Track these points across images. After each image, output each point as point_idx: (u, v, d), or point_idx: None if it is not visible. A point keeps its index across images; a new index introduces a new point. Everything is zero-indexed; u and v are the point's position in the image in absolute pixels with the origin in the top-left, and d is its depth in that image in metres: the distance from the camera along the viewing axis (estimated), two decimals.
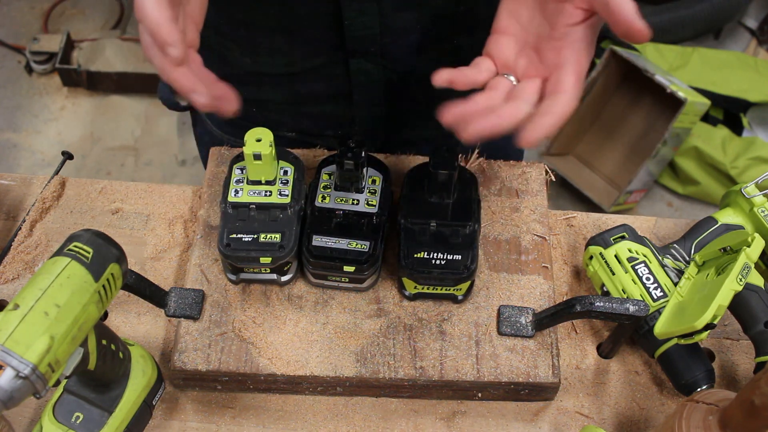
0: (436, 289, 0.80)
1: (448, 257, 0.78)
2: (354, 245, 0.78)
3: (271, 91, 0.96)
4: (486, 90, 0.69)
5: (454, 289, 0.80)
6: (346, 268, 0.78)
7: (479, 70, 0.69)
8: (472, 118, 0.64)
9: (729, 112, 2.28)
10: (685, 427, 0.66)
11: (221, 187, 0.89)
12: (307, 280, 0.82)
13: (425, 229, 0.80)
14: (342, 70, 0.89)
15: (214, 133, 1.07)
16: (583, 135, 2.37)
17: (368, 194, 0.81)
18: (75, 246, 0.62)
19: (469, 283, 0.80)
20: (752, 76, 2.29)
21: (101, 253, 0.62)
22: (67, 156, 0.98)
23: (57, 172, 0.96)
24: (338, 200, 0.81)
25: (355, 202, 0.81)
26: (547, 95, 0.65)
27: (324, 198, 0.81)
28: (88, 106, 2.56)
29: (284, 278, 0.81)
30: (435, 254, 0.78)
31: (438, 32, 0.86)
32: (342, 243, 0.78)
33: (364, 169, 0.81)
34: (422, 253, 0.78)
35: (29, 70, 2.63)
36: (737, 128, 2.27)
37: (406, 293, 0.81)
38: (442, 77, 0.68)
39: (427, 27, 0.85)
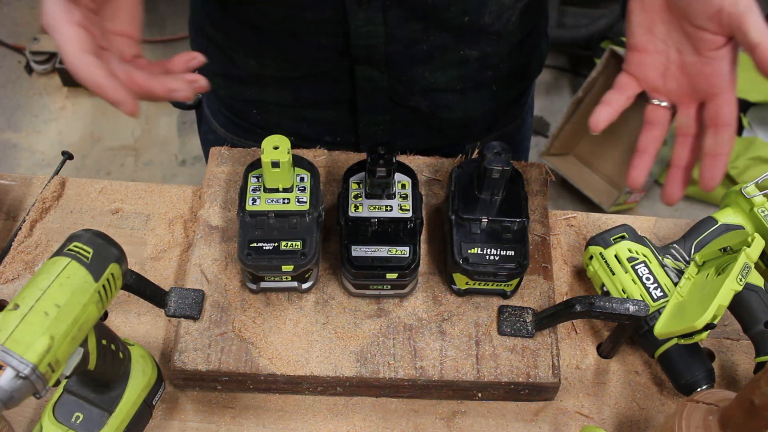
0: (487, 285, 0.80)
1: (502, 253, 0.78)
2: (394, 252, 0.78)
3: (274, 94, 0.96)
4: (648, 126, 0.70)
5: (505, 285, 0.80)
6: (389, 276, 0.78)
7: (626, 94, 0.70)
8: (668, 181, 0.68)
9: None
10: (685, 427, 0.66)
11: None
12: (347, 292, 0.82)
13: (476, 225, 0.80)
14: (346, 76, 0.89)
15: (218, 132, 1.07)
16: (583, 135, 2.37)
17: (400, 199, 0.81)
18: (75, 246, 0.62)
19: (518, 278, 0.80)
20: (752, 76, 2.27)
21: (101, 253, 0.62)
22: (67, 156, 0.98)
23: (57, 172, 0.96)
24: (371, 208, 0.80)
25: (389, 208, 0.80)
26: (710, 129, 0.66)
27: (357, 207, 0.80)
28: (88, 106, 2.56)
29: (305, 285, 0.81)
30: (488, 250, 0.78)
31: (444, 43, 0.86)
32: (382, 251, 0.78)
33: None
34: (476, 248, 0.78)
35: (29, 70, 2.63)
36: (737, 128, 2.27)
37: (456, 288, 0.81)
38: (602, 122, 0.69)
39: (433, 38, 0.85)
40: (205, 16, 0.95)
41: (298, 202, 0.79)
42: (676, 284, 0.80)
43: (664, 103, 0.70)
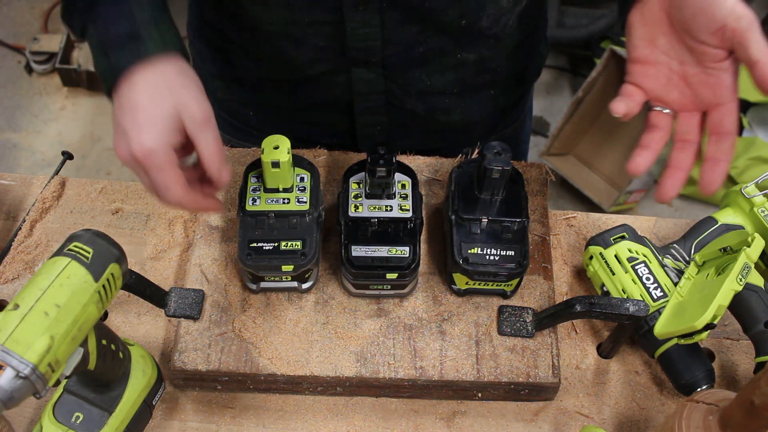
0: (487, 285, 0.80)
1: (502, 253, 0.78)
2: (394, 252, 0.78)
3: (271, 96, 0.96)
4: (651, 129, 0.71)
5: (505, 285, 0.80)
6: (389, 276, 0.78)
7: (635, 101, 0.71)
8: (664, 180, 0.69)
9: None
10: (685, 427, 0.66)
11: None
12: (347, 292, 0.82)
13: (476, 225, 0.80)
14: (344, 79, 0.89)
15: None
16: (583, 135, 2.37)
17: (400, 199, 0.80)
18: (75, 246, 0.62)
19: (518, 278, 0.80)
20: None
21: (101, 253, 0.62)
22: (67, 156, 0.98)
23: (57, 172, 0.96)
24: (371, 208, 0.80)
25: (389, 208, 0.80)
26: (713, 136, 0.68)
27: (357, 207, 0.80)
28: (88, 106, 2.56)
29: (305, 285, 0.81)
30: (488, 250, 0.78)
31: (441, 46, 0.86)
32: (382, 251, 0.78)
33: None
34: (476, 248, 0.78)
35: (29, 70, 2.63)
36: (737, 129, 2.27)
37: (456, 288, 0.81)
38: (621, 107, 0.70)
39: (430, 41, 0.85)
40: (202, 19, 0.95)
41: (298, 202, 0.79)
42: (676, 284, 0.80)
43: (666, 111, 0.71)
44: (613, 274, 0.82)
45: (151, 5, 0.67)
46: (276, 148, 0.76)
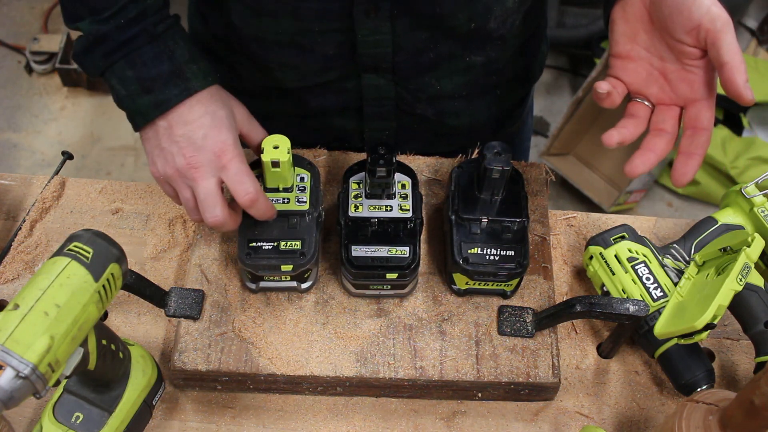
0: (487, 285, 0.80)
1: (502, 253, 0.78)
2: (394, 252, 0.78)
3: (280, 105, 0.96)
4: (628, 116, 0.73)
5: (505, 285, 0.80)
6: (389, 276, 0.78)
7: (617, 91, 0.72)
8: (633, 157, 0.71)
9: (729, 112, 2.29)
10: (685, 427, 0.66)
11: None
12: (347, 292, 0.82)
13: (476, 225, 0.80)
14: (353, 85, 0.89)
15: None
16: (583, 135, 2.37)
17: (400, 199, 0.80)
18: (75, 246, 0.62)
19: (518, 278, 0.80)
20: (752, 76, 2.29)
21: (101, 253, 0.62)
22: (67, 156, 0.98)
23: (57, 172, 0.96)
24: (371, 208, 0.80)
25: (389, 208, 0.80)
26: (688, 131, 0.70)
27: (357, 207, 0.80)
28: (88, 106, 2.56)
29: (304, 285, 0.81)
30: (488, 250, 0.79)
31: (450, 50, 0.86)
32: (382, 251, 0.78)
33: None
34: (476, 248, 0.78)
35: (29, 70, 2.63)
36: (737, 128, 2.27)
37: (456, 288, 0.81)
38: (604, 87, 0.71)
39: (439, 45, 0.85)
40: (206, 30, 0.95)
41: (298, 202, 0.79)
42: (676, 284, 0.80)
43: (646, 102, 0.73)
44: (613, 274, 0.82)
45: (185, 42, 0.74)
46: (276, 147, 0.76)
